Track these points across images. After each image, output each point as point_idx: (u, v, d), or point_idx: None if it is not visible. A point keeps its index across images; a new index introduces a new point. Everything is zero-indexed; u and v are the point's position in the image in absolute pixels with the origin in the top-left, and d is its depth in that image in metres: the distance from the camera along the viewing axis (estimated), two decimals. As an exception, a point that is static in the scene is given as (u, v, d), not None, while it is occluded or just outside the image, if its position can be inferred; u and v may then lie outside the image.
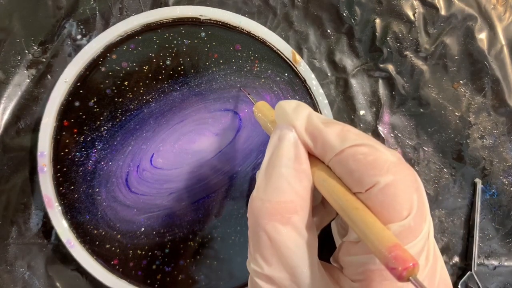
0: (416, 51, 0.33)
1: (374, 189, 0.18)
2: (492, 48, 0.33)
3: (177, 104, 0.29)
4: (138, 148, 0.29)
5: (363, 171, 0.18)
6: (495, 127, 0.33)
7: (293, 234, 0.19)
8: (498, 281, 0.33)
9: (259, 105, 0.25)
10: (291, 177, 0.19)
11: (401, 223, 0.17)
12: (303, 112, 0.20)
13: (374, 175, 0.18)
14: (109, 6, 0.31)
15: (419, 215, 0.18)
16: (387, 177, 0.18)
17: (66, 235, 0.28)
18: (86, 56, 0.29)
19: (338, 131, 0.19)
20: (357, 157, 0.18)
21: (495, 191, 0.33)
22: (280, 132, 0.20)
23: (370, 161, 0.18)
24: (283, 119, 0.21)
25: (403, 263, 0.15)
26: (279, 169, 0.19)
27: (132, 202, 0.29)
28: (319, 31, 0.32)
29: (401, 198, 0.18)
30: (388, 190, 0.18)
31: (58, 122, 0.28)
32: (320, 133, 0.19)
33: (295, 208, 0.19)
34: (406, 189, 0.18)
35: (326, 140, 0.19)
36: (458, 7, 0.33)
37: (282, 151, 0.20)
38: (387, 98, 0.33)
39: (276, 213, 0.19)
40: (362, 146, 0.19)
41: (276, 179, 0.19)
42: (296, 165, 0.20)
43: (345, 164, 0.19)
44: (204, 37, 0.30)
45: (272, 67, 0.30)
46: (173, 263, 0.29)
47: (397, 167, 0.18)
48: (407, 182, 0.18)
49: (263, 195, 0.19)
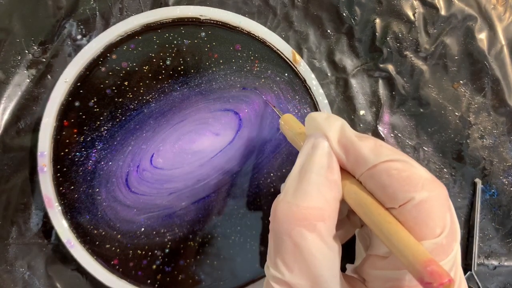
0: (416, 51, 0.33)
1: (408, 205, 0.17)
2: (492, 48, 0.33)
3: (177, 104, 0.29)
4: (138, 148, 0.29)
5: (397, 187, 0.18)
6: (495, 127, 0.33)
7: (318, 241, 0.18)
8: (498, 281, 0.33)
9: (286, 118, 0.25)
10: (322, 185, 0.19)
11: (434, 241, 0.17)
12: (336, 123, 0.20)
13: (409, 191, 0.18)
14: (109, 6, 0.31)
15: (451, 234, 0.18)
16: (422, 194, 0.17)
17: (66, 235, 0.28)
18: (86, 56, 0.29)
19: (372, 145, 0.19)
20: (391, 172, 0.18)
21: (495, 191, 0.33)
22: (315, 140, 0.20)
23: (404, 176, 0.18)
24: (316, 129, 0.20)
25: (439, 278, 0.15)
26: (310, 175, 0.19)
27: (132, 202, 0.29)
28: (319, 31, 0.32)
29: (435, 216, 0.18)
30: (422, 207, 0.17)
31: (58, 122, 0.28)
32: (353, 146, 0.19)
33: (322, 216, 0.19)
34: (440, 207, 0.18)
35: (360, 153, 0.19)
36: (458, 7, 0.33)
37: (316, 159, 0.20)
38: (387, 98, 0.33)
39: (303, 218, 0.18)
40: (396, 162, 0.18)
41: (307, 185, 0.19)
42: (328, 174, 0.19)
43: (378, 179, 0.18)
44: (204, 37, 0.30)
45: (272, 67, 0.30)
46: (173, 263, 0.29)
47: (431, 184, 0.18)
48: (441, 200, 0.18)
49: (291, 199, 0.19)
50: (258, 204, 0.30)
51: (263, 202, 0.30)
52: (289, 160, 0.30)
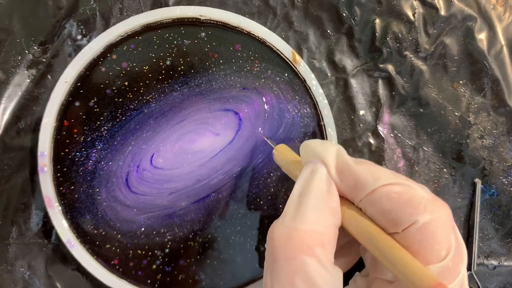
0: (416, 51, 0.33)
1: (411, 228, 0.17)
2: (492, 48, 0.33)
3: (177, 104, 0.29)
4: (138, 148, 0.29)
5: (399, 210, 0.17)
6: (494, 127, 0.33)
7: (318, 267, 0.18)
8: (498, 281, 0.33)
9: (279, 148, 0.25)
10: (321, 210, 0.19)
11: (440, 264, 0.17)
12: (332, 149, 0.20)
13: (412, 214, 0.17)
14: (109, 6, 0.31)
15: (457, 255, 0.17)
16: (425, 216, 0.17)
17: (66, 235, 0.28)
18: (86, 56, 0.29)
19: (369, 170, 0.19)
20: (391, 196, 0.18)
21: (494, 191, 0.33)
22: (314, 166, 0.20)
23: (405, 199, 0.18)
24: (313, 156, 0.20)
25: None
26: (309, 200, 0.19)
27: (132, 202, 0.29)
28: (319, 31, 0.32)
29: (440, 238, 0.17)
30: (426, 229, 0.17)
31: (58, 122, 0.28)
32: (351, 171, 0.19)
33: (322, 241, 0.18)
34: (444, 228, 0.17)
35: (358, 178, 0.19)
36: (458, 7, 0.33)
37: (315, 184, 0.19)
38: (387, 98, 0.33)
39: (302, 243, 0.18)
40: (395, 185, 0.18)
41: (306, 209, 0.19)
42: (327, 200, 0.19)
43: (378, 204, 0.18)
44: (204, 37, 0.30)
45: (272, 67, 0.30)
46: (173, 263, 0.29)
47: (434, 205, 0.18)
48: (445, 221, 0.18)
49: (290, 222, 0.18)
50: (258, 204, 0.30)
51: (263, 202, 0.30)
52: (289, 160, 0.30)
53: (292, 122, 0.30)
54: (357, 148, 0.32)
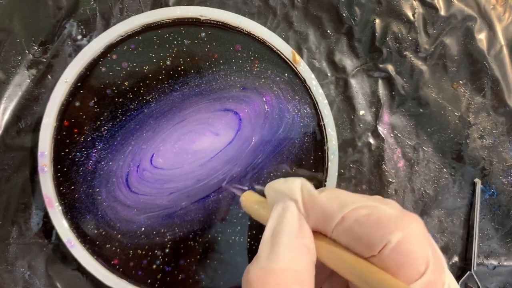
0: (416, 51, 0.33)
1: (386, 249, 0.17)
2: (492, 48, 0.33)
3: (177, 104, 0.29)
4: (138, 148, 0.29)
5: (370, 233, 0.17)
6: (494, 127, 0.33)
7: None
8: (498, 281, 0.33)
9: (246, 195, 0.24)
10: (295, 247, 0.18)
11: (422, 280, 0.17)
12: (296, 185, 0.20)
13: (383, 234, 0.17)
14: (109, 6, 0.31)
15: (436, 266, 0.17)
16: (396, 234, 0.17)
17: (66, 235, 0.28)
18: (86, 56, 0.29)
19: (334, 198, 0.19)
20: (360, 221, 0.17)
21: (494, 191, 0.33)
22: (284, 203, 0.20)
23: (374, 221, 0.17)
24: (280, 195, 0.20)
25: None
26: (282, 238, 0.19)
27: (132, 202, 0.29)
28: (319, 31, 0.32)
29: (416, 253, 0.17)
30: (400, 248, 0.17)
31: (58, 122, 0.28)
32: (316, 202, 0.19)
33: (298, 279, 0.18)
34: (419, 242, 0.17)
35: (324, 209, 0.18)
36: (457, 8, 0.33)
37: (286, 221, 0.19)
38: (386, 98, 0.33)
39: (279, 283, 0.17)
40: (361, 209, 0.18)
41: (280, 247, 0.18)
42: (299, 238, 0.19)
43: (349, 231, 0.18)
44: (204, 37, 0.30)
45: (272, 67, 0.30)
46: (173, 263, 0.29)
47: (402, 221, 0.17)
48: (417, 235, 0.17)
49: (265, 263, 0.18)
50: (258, 204, 0.30)
51: (263, 202, 0.30)
52: (289, 160, 0.30)
53: (292, 122, 0.30)
54: (357, 148, 0.32)
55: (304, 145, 0.30)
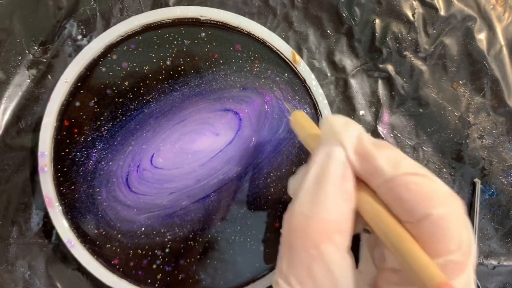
0: (416, 51, 0.33)
1: (425, 220, 0.17)
2: (492, 48, 0.33)
3: (177, 104, 0.30)
4: (138, 148, 0.29)
5: (415, 202, 0.17)
6: (494, 127, 0.33)
7: (336, 255, 0.18)
8: (498, 281, 0.33)
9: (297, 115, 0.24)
10: (338, 197, 0.18)
11: (448, 258, 0.17)
12: (354, 131, 0.20)
13: (428, 206, 0.17)
14: (109, 6, 0.31)
15: (466, 250, 0.18)
16: (440, 210, 0.17)
17: (66, 234, 0.28)
18: (86, 56, 0.29)
19: (390, 157, 0.19)
20: (410, 187, 0.18)
21: (494, 191, 0.33)
22: (329, 149, 0.19)
23: (423, 192, 0.18)
24: (332, 136, 0.20)
25: None
26: (326, 186, 0.19)
27: (133, 202, 0.29)
28: (318, 31, 0.32)
29: (452, 232, 0.17)
30: (440, 223, 0.17)
31: (58, 122, 0.28)
32: (372, 156, 0.19)
33: (339, 228, 0.18)
34: (458, 223, 0.18)
35: (377, 165, 0.18)
36: (457, 8, 0.33)
37: (331, 169, 0.19)
38: (386, 98, 0.33)
39: (321, 232, 0.18)
40: (415, 176, 0.18)
41: (323, 197, 0.18)
42: (343, 185, 0.19)
43: (396, 192, 0.18)
44: (204, 37, 0.30)
45: (272, 67, 0.30)
46: (174, 262, 0.29)
47: (449, 199, 0.18)
48: (459, 216, 0.18)
49: (308, 211, 0.18)
50: (258, 204, 0.30)
51: (263, 202, 0.30)
52: (289, 160, 0.30)
53: (292, 122, 0.30)
54: (357, 148, 0.32)
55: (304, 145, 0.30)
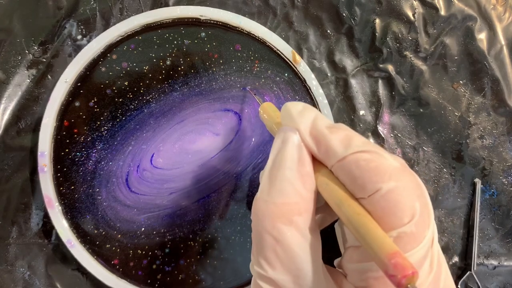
0: (416, 51, 0.33)
1: (376, 195, 0.18)
2: (492, 48, 0.33)
3: (177, 104, 0.29)
4: (138, 148, 0.29)
5: (365, 177, 0.18)
6: (494, 127, 0.33)
7: (297, 236, 0.19)
8: (498, 281, 0.33)
9: (265, 106, 0.25)
10: (295, 179, 0.19)
11: (401, 229, 0.17)
12: (309, 116, 0.20)
13: (377, 181, 0.18)
14: (109, 6, 0.31)
15: (421, 221, 0.18)
16: (389, 184, 0.18)
17: (66, 235, 0.28)
18: (86, 56, 0.29)
19: (342, 137, 0.19)
20: (359, 164, 0.18)
21: (494, 191, 0.33)
22: (284, 134, 0.20)
23: (372, 167, 0.18)
24: (288, 121, 0.21)
25: (402, 270, 0.15)
26: (283, 171, 0.20)
27: (132, 202, 0.29)
28: (319, 31, 0.32)
29: (403, 205, 0.18)
30: (390, 196, 0.18)
31: (58, 122, 0.28)
32: (324, 138, 0.19)
33: (299, 210, 0.19)
34: (408, 196, 0.18)
35: (330, 146, 0.19)
36: (457, 7, 0.33)
37: (286, 154, 0.20)
38: (387, 98, 0.33)
39: (280, 215, 0.19)
40: (365, 153, 0.19)
41: (280, 181, 0.19)
42: (300, 168, 0.20)
43: (347, 170, 0.19)
44: (204, 37, 0.30)
45: (272, 67, 0.30)
46: (173, 262, 0.29)
47: (399, 173, 0.18)
48: (409, 189, 0.18)
49: (267, 196, 0.19)
50: (258, 204, 0.30)
51: (263, 202, 0.30)
52: (289, 160, 0.30)
53: (292, 122, 0.30)
54: (357, 148, 0.32)
55: (304, 145, 0.30)
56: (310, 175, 0.20)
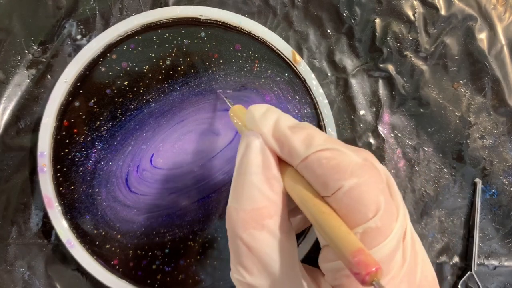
0: (416, 51, 0.33)
1: (339, 192, 0.18)
2: (492, 48, 0.33)
3: (177, 104, 0.29)
4: (138, 148, 0.29)
5: (327, 176, 0.18)
6: (495, 127, 0.33)
7: (269, 239, 0.19)
8: (498, 281, 0.33)
9: (235, 109, 0.25)
10: (261, 184, 0.19)
11: (366, 225, 0.17)
12: (271, 118, 0.20)
13: (338, 179, 0.18)
14: (109, 6, 0.31)
15: (387, 215, 0.18)
16: (351, 180, 0.18)
17: (66, 235, 0.28)
18: (86, 56, 0.29)
19: (304, 137, 0.19)
20: (321, 162, 0.18)
21: (495, 191, 0.33)
22: (247, 139, 0.20)
23: (333, 165, 0.18)
24: (252, 125, 0.21)
25: (366, 268, 0.15)
26: (249, 177, 0.20)
27: (132, 202, 0.29)
28: (319, 31, 0.32)
29: (366, 200, 0.18)
30: (352, 193, 0.18)
31: (58, 122, 0.28)
32: (286, 139, 0.20)
33: (269, 213, 0.19)
34: (371, 191, 0.18)
35: (292, 147, 0.19)
36: (458, 7, 0.33)
37: (250, 159, 0.20)
38: (387, 98, 0.33)
39: (251, 221, 0.19)
40: (326, 151, 0.19)
41: (247, 188, 0.19)
42: (265, 172, 0.20)
43: (311, 170, 0.19)
44: (204, 37, 0.30)
45: (272, 67, 0.30)
46: (173, 263, 0.29)
47: (361, 169, 0.18)
48: (371, 184, 0.18)
49: (236, 204, 0.20)
50: (258, 204, 0.30)
51: (263, 202, 0.30)
52: (289, 160, 0.30)
53: (292, 122, 0.30)
54: (357, 148, 0.32)
55: (304, 145, 0.30)
56: (277, 178, 0.20)
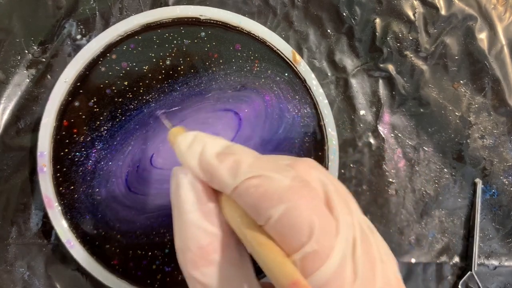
0: (416, 51, 0.33)
1: (271, 221, 0.17)
2: (493, 48, 0.33)
3: (177, 104, 0.29)
4: (138, 148, 0.29)
5: (257, 205, 0.17)
6: (495, 127, 0.33)
7: (219, 272, 0.19)
8: (499, 281, 0.33)
9: (173, 132, 0.22)
10: (200, 221, 0.19)
11: (302, 250, 0.17)
12: (196, 148, 0.20)
13: (267, 207, 0.17)
14: (109, 6, 0.31)
15: (323, 234, 0.17)
16: (279, 207, 0.17)
17: (66, 235, 0.28)
18: (86, 56, 0.29)
19: (230, 165, 0.18)
20: (249, 192, 0.18)
21: (495, 191, 0.33)
22: (176, 178, 0.20)
23: (261, 193, 0.17)
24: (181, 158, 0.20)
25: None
26: (186, 217, 0.19)
27: (132, 202, 0.29)
28: (319, 31, 0.32)
29: (298, 225, 0.17)
30: (283, 220, 0.17)
31: (58, 122, 0.28)
32: (213, 169, 0.19)
33: (214, 249, 0.19)
34: (302, 213, 0.17)
35: (220, 178, 0.18)
36: (458, 7, 0.33)
37: (182, 198, 0.19)
38: (387, 98, 0.33)
39: (199, 259, 0.19)
40: (252, 179, 0.18)
41: (188, 228, 0.19)
42: (202, 207, 0.19)
43: (243, 200, 0.18)
44: (204, 37, 0.30)
45: (272, 67, 0.30)
46: (173, 263, 0.29)
47: (288, 192, 0.17)
48: (301, 206, 0.17)
49: (181, 245, 0.19)
50: (258, 204, 0.30)
51: (263, 202, 0.30)
52: (289, 160, 0.30)
53: (292, 122, 0.30)
54: (357, 148, 0.32)
55: (304, 145, 0.30)
56: (214, 211, 0.19)
